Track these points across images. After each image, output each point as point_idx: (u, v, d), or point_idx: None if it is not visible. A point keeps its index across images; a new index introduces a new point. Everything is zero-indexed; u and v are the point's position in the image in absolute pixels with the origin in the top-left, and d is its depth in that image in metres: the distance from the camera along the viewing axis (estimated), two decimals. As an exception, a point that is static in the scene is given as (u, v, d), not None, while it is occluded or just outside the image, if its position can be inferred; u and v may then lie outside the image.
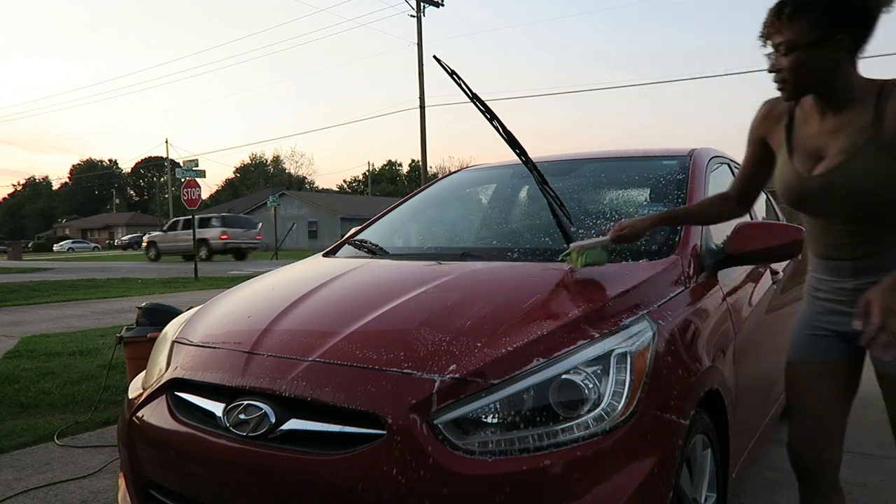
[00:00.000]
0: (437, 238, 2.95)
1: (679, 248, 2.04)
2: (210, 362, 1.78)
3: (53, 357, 5.47)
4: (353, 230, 3.03)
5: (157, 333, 2.39)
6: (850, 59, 1.52)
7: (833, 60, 1.50)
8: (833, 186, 1.56)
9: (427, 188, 3.25)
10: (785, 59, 1.52)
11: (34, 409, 3.91)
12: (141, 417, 1.81)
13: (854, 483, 2.65)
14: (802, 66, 1.51)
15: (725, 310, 2.03)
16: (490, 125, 2.17)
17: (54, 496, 2.66)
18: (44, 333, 6.88)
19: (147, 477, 1.77)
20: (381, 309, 1.78)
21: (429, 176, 29.28)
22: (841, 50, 1.49)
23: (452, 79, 2.16)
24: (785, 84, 1.56)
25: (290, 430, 1.51)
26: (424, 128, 24.17)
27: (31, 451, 3.21)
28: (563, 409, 1.41)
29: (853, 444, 3.12)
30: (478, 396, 1.42)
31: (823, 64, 1.50)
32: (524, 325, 1.61)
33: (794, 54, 1.51)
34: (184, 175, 14.89)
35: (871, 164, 1.50)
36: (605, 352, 1.49)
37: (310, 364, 1.59)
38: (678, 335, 1.68)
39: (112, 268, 22.02)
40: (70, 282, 14.07)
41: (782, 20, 1.51)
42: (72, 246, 54.79)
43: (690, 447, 1.63)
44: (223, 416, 1.61)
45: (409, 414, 1.41)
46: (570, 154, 3.09)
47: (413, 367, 1.50)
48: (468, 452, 1.37)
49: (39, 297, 10.88)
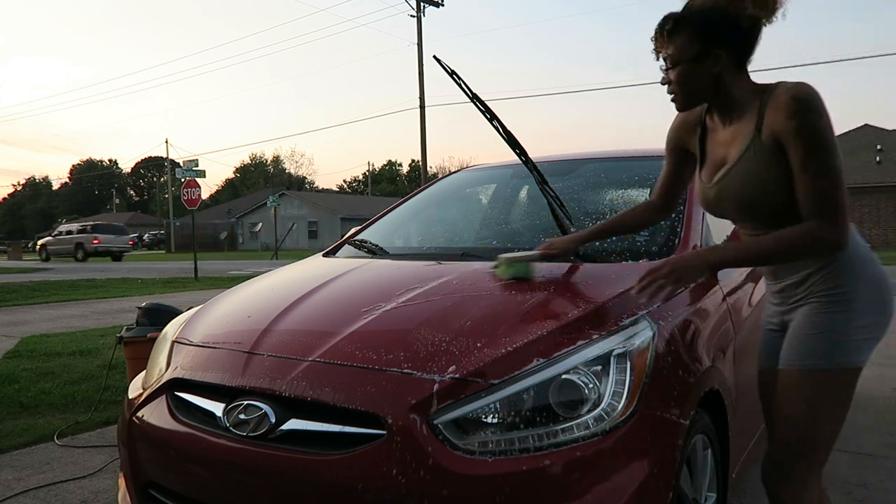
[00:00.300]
0: (437, 238, 2.95)
1: (679, 248, 2.04)
2: (210, 362, 1.78)
3: (53, 357, 5.47)
4: (353, 230, 3.03)
5: (157, 333, 2.39)
6: (736, 70, 1.56)
7: (714, 74, 1.55)
8: (724, 193, 1.62)
9: (427, 188, 3.25)
10: (672, 73, 1.57)
11: (34, 409, 3.91)
12: (141, 417, 1.81)
13: (854, 483, 2.66)
14: (687, 79, 1.56)
15: (725, 310, 2.03)
16: (490, 125, 2.17)
17: (54, 496, 2.66)
18: (44, 333, 6.88)
19: (147, 477, 1.77)
20: (380, 309, 1.78)
21: (429, 176, 29.28)
22: (721, 64, 1.54)
23: (452, 79, 2.17)
24: (675, 97, 1.61)
25: (290, 430, 1.51)
26: (424, 128, 24.18)
27: (31, 451, 3.21)
28: (563, 409, 1.41)
29: (853, 444, 3.12)
30: (478, 396, 1.42)
31: (706, 78, 1.55)
32: (524, 325, 1.61)
33: (678, 69, 1.56)
34: (184, 175, 14.88)
35: (754, 168, 1.54)
36: (605, 352, 1.49)
37: (310, 364, 1.59)
38: (678, 335, 1.68)
39: (112, 268, 22.02)
40: (70, 282, 14.07)
41: (665, 36, 1.57)
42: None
43: (690, 447, 1.63)
44: (223, 416, 1.61)
45: (409, 414, 1.41)
46: (570, 154, 3.09)
47: (413, 367, 1.50)
48: (468, 452, 1.37)
49: (39, 297, 10.89)
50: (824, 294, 1.59)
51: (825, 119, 1.46)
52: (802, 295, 1.63)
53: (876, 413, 3.62)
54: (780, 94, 1.49)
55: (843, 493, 2.56)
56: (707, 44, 1.52)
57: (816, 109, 1.45)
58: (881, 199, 23.97)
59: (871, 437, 3.22)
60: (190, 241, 37.42)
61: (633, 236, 2.18)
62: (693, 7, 1.55)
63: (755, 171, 1.54)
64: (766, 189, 1.54)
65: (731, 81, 1.56)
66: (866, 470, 2.80)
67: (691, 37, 1.53)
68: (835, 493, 2.55)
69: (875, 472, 2.77)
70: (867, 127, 27.72)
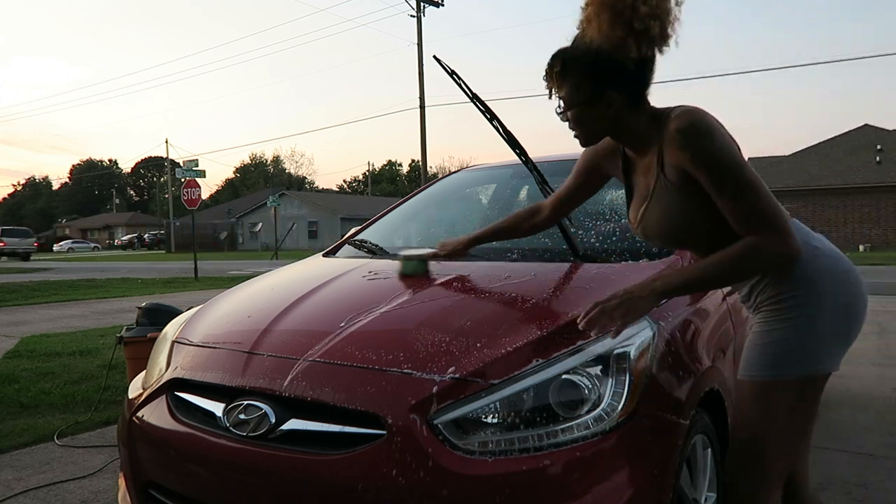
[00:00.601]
0: (437, 238, 2.94)
1: (677, 249, 2.04)
2: (210, 362, 1.78)
3: (53, 357, 5.46)
4: (353, 230, 3.03)
5: (157, 333, 2.39)
6: (632, 106, 1.48)
7: (609, 116, 1.49)
8: (647, 231, 1.59)
9: (427, 188, 3.25)
10: (568, 113, 1.52)
11: (34, 409, 3.91)
12: (141, 417, 1.81)
13: (854, 483, 2.65)
14: (581, 121, 1.51)
15: (725, 310, 2.03)
16: (490, 125, 2.17)
17: (54, 496, 2.66)
18: (44, 333, 6.88)
19: (147, 477, 1.77)
20: (380, 309, 1.78)
21: (429, 176, 29.28)
22: (614, 107, 1.47)
23: (452, 79, 2.16)
24: (576, 135, 1.56)
25: (289, 430, 1.51)
26: (424, 128, 24.17)
27: (31, 451, 3.21)
28: (562, 410, 1.41)
29: (853, 444, 3.12)
30: (478, 396, 1.42)
31: (599, 119, 1.50)
32: (524, 325, 1.61)
33: (572, 111, 1.50)
34: (184, 175, 14.88)
35: (665, 204, 1.50)
36: (605, 352, 1.49)
37: (310, 364, 1.59)
38: (678, 335, 1.68)
39: (112, 268, 22.02)
40: (70, 282, 14.08)
41: (554, 78, 1.50)
42: (72, 246, 54.81)
43: (690, 447, 1.63)
44: (223, 416, 1.61)
45: (409, 414, 1.41)
46: (570, 154, 3.09)
47: (413, 367, 1.50)
48: (468, 452, 1.37)
49: (39, 297, 10.89)
50: (772, 302, 1.51)
51: (718, 139, 1.39)
52: (754, 305, 1.58)
53: (876, 413, 3.62)
54: (669, 128, 1.43)
55: (842, 493, 2.56)
56: (598, 87, 1.45)
57: (705, 134, 1.39)
58: (881, 199, 23.97)
59: (871, 437, 3.21)
60: (190, 241, 37.44)
61: (634, 235, 2.17)
62: (579, 49, 1.46)
63: (666, 206, 1.51)
64: (681, 222, 1.50)
65: (630, 119, 1.50)
66: (866, 470, 2.80)
67: (581, 80, 1.46)
68: (835, 493, 2.55)
69: (875, 472, 2.77)
70: (867, 127, 27.72)
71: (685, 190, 1.46)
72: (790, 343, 1.47)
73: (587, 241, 2.21)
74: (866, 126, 27.83)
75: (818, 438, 3.19)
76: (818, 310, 1.46)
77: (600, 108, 1.47)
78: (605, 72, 1.44)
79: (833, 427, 3.38)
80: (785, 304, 1.48)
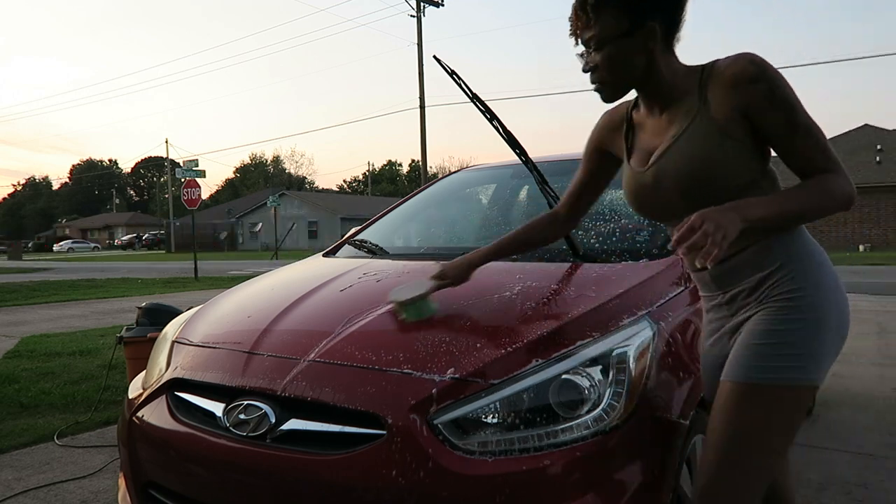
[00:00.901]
0: (437, 238, 2.95)
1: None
2: (210, 362, 1.78)
3: (53, 357, 5.46)
4: (353, 230, 3.03)
5: (157, 333, 2.39)
6: (666, 47, 1.38)
7: (647, 51, 1.36)
8: (663, 173, 1.40)
9: (427, 188, 3.25)
10: (597, 56, 1.38)
11: (34, 409, 3.91)
12: (141, 417, 1.81)
13: (854, 483, 2.65)
14: (616, 61, 1.37)
15: (725, 310, 2.02)
16: (490, 125, 2.17)
17: (54, 496, 2.66)
18: (44, 333, 6.88)
19: (147, 477, 1.77)
20: (380, 309, 1.78)
21: (429, 176, 29.28)
22: (654, 39, 1.35)
23: (452, 79, 2.16)
24: (603, 85, 1.42)
25: (289, 430, 1.51)
26: (424, 128, 24.17)
27: (31, 451, 3.21)
28: (562, 409, 1.41)
29: (853, 444, 3.12)
30: (478, 396, 1.42)
31: (638, 56, 1.36)
32: (524, 325, 1.61)
33: (605, 49, 1.36)
34: (184, 175, 14.88)
35: (699, 144, 1.35)
36: (605, 352, 1.49)
37: (309, 364, 1.59)
38: (678, 335, 1.68)
39: (112, 268, 22.02)
40: (70, 282, 14.08)
41: (588, 13, 1.37)
42: (72, 246, 54.84)
43: (690, 447, 1.63)
44: (223, 416, 1.61)
45: (409, 414, 1.41)
46: (570, 154, 3.09)
47: (413, 367, 1.50)
48: (468, 452, 1.37)
49: (39, 297, 10.89)
50: (782, 298, 1.34)
51: (786, 80, 1.31)
52: (754, 302, 1.38)
53: (876, 413, 3.62)
54: (726, 66, 1.33)
55: (842, 493, 2.56)
56: (639, 15, 1.33)
57: (774, 71, 1.30)
58: (881, 199, 23.97)
59: (871, 437, 3.21)
60: (190, 241, 37.46)
61: (634, 236, 2.18)
62: None
63: (700, 146, 1.34)
64: (715, 168, 1.34)
65: (663, 61, 1.38)
66: (866, 470, 2.80)
67: (620, 9, 1.34)
68: (835, 493, 2.55)
69: (875, 472, 2.77)
70: (867, 127, 27.73)
71: (728, 131, 1.33)
72: (802, 345, 1.31)
73: (587, 242, 2.21)
74: (866, 126, 27.83)
75: (818, 438, 3.19)
76: (826, 315, 1.33)
77: (640, 40, 1.35)
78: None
79: (833, 427, 3.38)
80: (799, 303, 1.33)
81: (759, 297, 1.38)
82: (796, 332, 1.32)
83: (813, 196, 1.30)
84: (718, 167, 1.34)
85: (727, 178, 1.34)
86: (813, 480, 2.68)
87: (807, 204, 1.30)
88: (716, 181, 1.34)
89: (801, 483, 2.66)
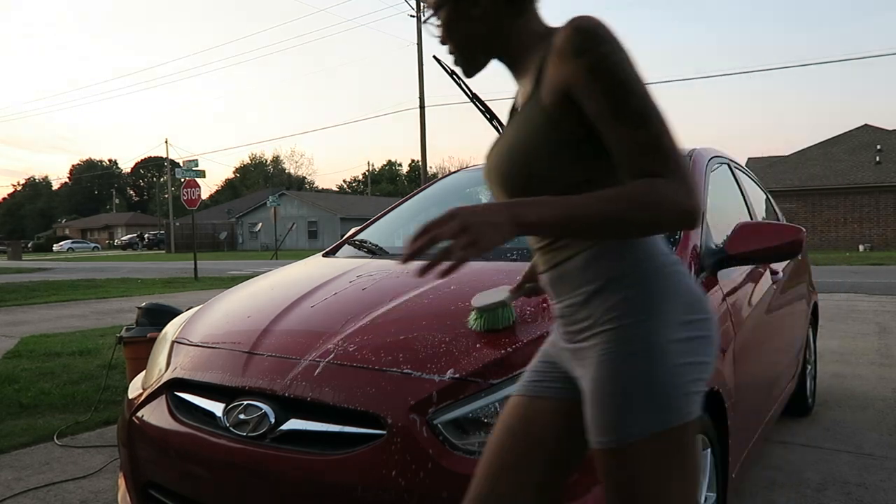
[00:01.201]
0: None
1: (679, 248, 2.03)
2: (210, 362, 1.78)
3: (53, 357, 5.47)
4: (353, 230, 3.03)
5: (157, 333, 2.39)
6: (509, 7, 1.15)
7: (480, 16, 1.15)
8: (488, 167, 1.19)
9: (427, 188, 3.25)
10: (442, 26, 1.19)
11: (34, 409, 3.91)
12: (141, 417, 1.81)
13: (855, 483, 2.65)
14: (455, 27, 1.17)
15: (725, 310, 2.02)
16: (490, 125, 2.17)
17: (54, 496, 2.66)
18: (44, 333, 6.88)
19: (147, 477, 1.77)
20: (380, 309, 1.78)
21: (429, 176, 29.29)
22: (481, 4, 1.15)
23: (452, 79, 2.16)
24: (455, 56, 1.21)
25: (289, 430, 1.51)
26: (424, 128, 24.17)
27: (31, 451, 3.21)
28: (562, 410, 1.41)
29: (853, 444, 3.12)
30: (478, 396, 1.42)
31: (476, 20, 1.16)
32: (524, 324, 1.61)
33: (442, 13, 1.17)
34: (184, 175, 14.88)
35: (522, 136, 1.11)
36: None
37: (309, 364, 1.59)
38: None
39: (112, 268, 22.02)
40: (70, 282, 14.08)
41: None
42: (71, 246, 54.88)
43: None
44: (223, 416, 1.61)
45: (409, 414, 1.41)
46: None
47: (413, 367, 1.50)
48: (468, 452, 1.37)
49: (39, 297, 10.90)
50: (615, 325, 1.06)
51: (620, 49, 1.01)
52: (587, 325, 1.10)
53: (876, 413, 3.62)
54: (559, 36, 1.05)
55: (842, 493, 2.56)
56: None
57: (606, 39, 1.01)
58: (881, 199, 23.97)
59: (871, 437, 3.21)
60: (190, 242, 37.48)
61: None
62: None
63: (521, 136, 1.11)
64: (532, 163, 1.09)
65: (509, 24, 1.15)
66: (866, 470, 2.80)
67: None
68: (835, 493, 2.56)
69: (875, 472, 2.77)
70: (867, 127, 27.72)
71: (555, 117, 1.07)
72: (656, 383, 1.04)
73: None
74: (866, 126, 27.83)
75: (818, 438, 3.19)
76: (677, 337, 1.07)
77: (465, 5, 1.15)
78: None
79: (833, 427, 3.38)
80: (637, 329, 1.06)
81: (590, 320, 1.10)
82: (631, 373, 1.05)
83: (621, 202, 0.98)
84: (538, 161, 1.09)
85: (551, 177, 1.09)
86: (813, 480, 2.68)
87: (609, 211, 0.98)
88: (533, 179, 1.10)
89: (801, 483, 2.66)
